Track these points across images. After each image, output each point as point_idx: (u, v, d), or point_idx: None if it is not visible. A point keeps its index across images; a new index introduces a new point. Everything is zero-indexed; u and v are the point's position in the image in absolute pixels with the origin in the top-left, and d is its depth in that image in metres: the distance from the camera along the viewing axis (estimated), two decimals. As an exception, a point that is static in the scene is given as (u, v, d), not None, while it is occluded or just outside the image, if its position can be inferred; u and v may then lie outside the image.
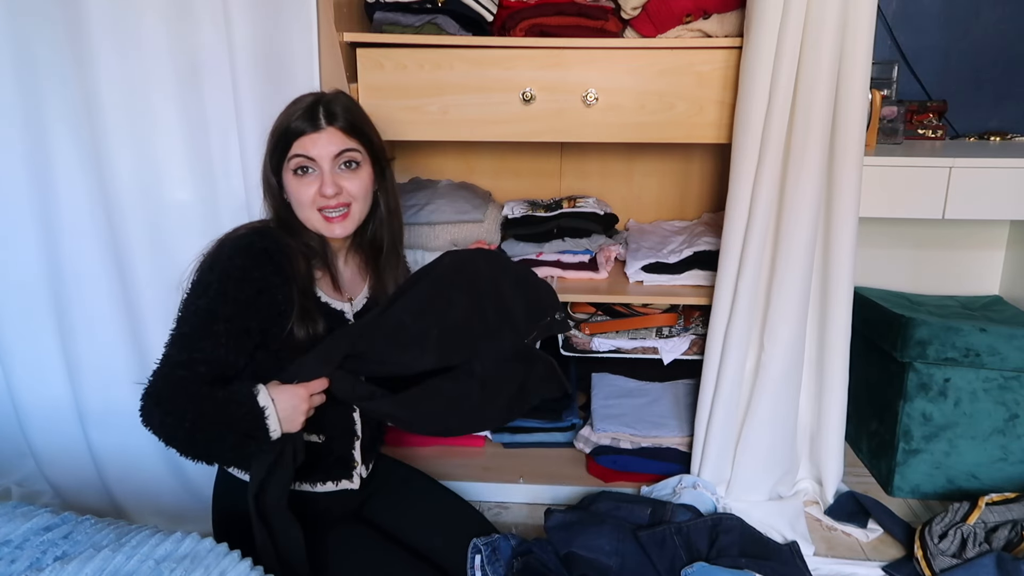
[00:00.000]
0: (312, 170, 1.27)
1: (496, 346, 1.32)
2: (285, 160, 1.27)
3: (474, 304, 1.31)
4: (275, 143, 1.28)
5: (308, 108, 1.27)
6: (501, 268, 1.40)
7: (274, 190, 1.31)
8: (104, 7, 1.56)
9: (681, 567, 1.46)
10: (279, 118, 1.29)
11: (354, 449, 1.37)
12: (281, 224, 1.30)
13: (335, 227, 1.29)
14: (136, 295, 1.75)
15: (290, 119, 1.26)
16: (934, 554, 1.62)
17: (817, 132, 1.58)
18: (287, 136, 1.26)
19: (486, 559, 1.38)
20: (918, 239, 2.25)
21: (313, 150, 1.25)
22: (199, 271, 1.21)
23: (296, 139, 1.25)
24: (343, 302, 1.35)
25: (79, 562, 1.01)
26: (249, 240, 1.23)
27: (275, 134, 1.28)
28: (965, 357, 1.82)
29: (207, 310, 1.17)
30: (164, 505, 1.85)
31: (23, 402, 1.84)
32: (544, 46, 1.67)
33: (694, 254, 1.88)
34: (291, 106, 1.30)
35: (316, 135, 1.25)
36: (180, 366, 1.15)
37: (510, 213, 2.01)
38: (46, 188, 1.69)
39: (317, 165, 1.26)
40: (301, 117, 1.26)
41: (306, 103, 1.28)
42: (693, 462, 1.87)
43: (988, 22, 2.31)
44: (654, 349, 1.92)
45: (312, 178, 1.27)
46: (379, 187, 1.37)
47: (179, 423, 1.12)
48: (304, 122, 1.25)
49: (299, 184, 1.27)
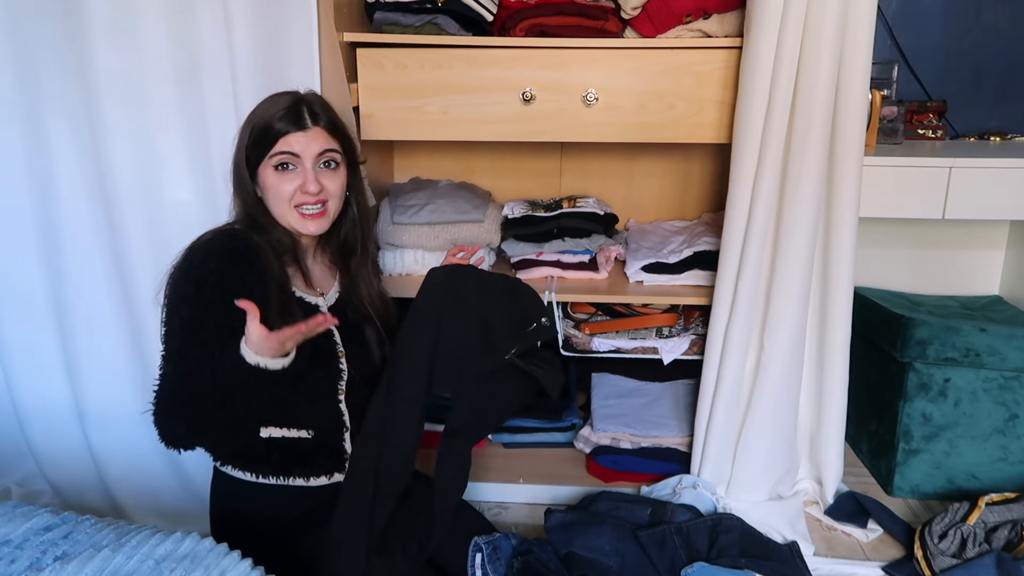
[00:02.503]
0: (293, 167, 1.29)
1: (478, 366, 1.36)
2: (266, 156, 1.28)
3: (457, 329, 1.35)
4: (256, 138, 1.28)
5: (291, 107, 1.28)
6: (478, 285, 1.43)
7: (247, 185, 1.31)
8: (104, 6, 1.56)
9: (681, 567, 1.46)
10: (257, 113, 1.30)
11: (344, 441, 1.37)
12: (250, 222, 1.31)
13: (310, 224, 1.31)
14: (136, 295, 1.74)
15: (272, 117, 1.27)
16: (934, 554, 1.62)
17: (817, 132, 1.58)
18: (271, 133, 1.27)
19: (487, 558, 1.38)
20: (918, 239, 2.25)
21: (298, 147, 1.27)
22: (174, 282, 1.22)
23: (282, 136, 1.27)
24: (316, 296, 1.37)
25: (79, 562, 1.01)
26: (219, 243, 1.24)
27: (256, 130, 1.28)
28: (965, 357, 1.82)
29: (190, 320, 1.18)
30: (164, 505, 1.85)
31: (23, 402, 1.84)
32: (544, 46, 1.68)
33: (694, 254, 1.88)
34: (268, 103, 1.31)
35: (302, 134, 1.28)
36: (178, 379, 1.17)
37: (510, 213, 2.01)
38: (46, 188, 1.69)
39: (300, 162, 1.28)
40: (286, 115, 1.27)
41: (287, 102, 1.29)
42: (693, 462, 1.87)
43: (988, 22, 2.31)
44: (654, 349, 1.92)
45: (293, 175, 1.29)
46: (352, 187, 1.39)
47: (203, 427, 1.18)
48: (289, 120, 1.27)
49: (280, 180, 1.28)
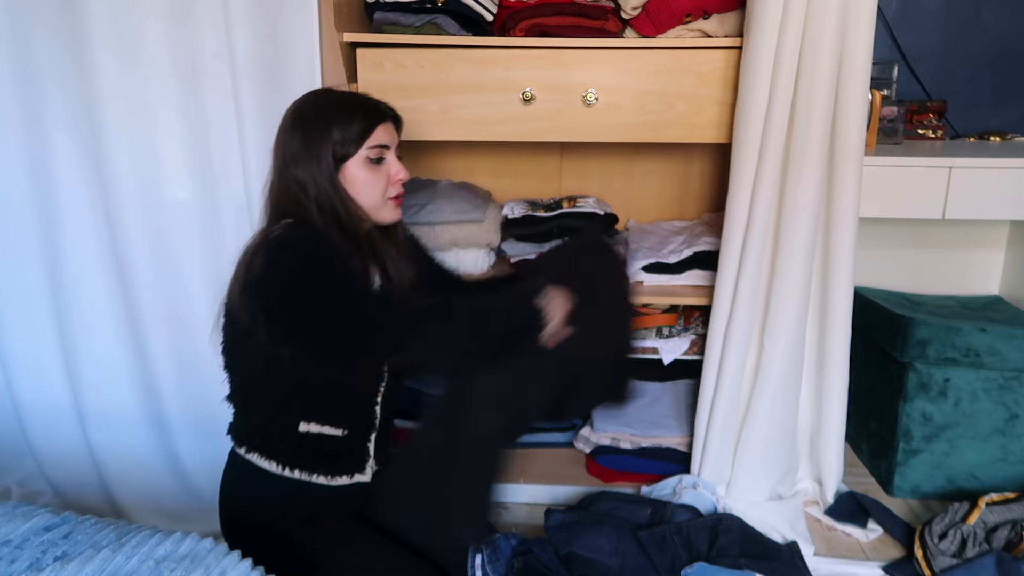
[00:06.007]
0: (384, 159, 1.30)
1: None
2: (360, 149, 1.26)
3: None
4: (356, 133, 1.25)
5: (367, 99, 1.30)
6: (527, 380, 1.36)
7: (334, 182, 1.26)
8: (104, 9, 1.57)
9: (681, 567, 1.46)
10: (339, 110, 1.26)
11: (369, 442, 1.37)
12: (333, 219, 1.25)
13: (399, 211, 1.35)
14: (136, 295, 1.75)
15: (362, 109, 1.27)
16: (934, 554, 1.62)
17: (817, 132, 1.58)
18: (369, 124, 1.26)
19: (486, 558, 1.38)
20: (918, 239, 2.25)
21: (386, 139, 1.29)
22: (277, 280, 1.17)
23: (375, 128, 1.27)
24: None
25: (79, 562, 1.01)
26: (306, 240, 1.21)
27: (350, 122, 1.25)
28: (965, 357, 1.82)
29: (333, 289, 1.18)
30: (164, 505, 1.85)
31: (23, 402, 1.84)
32: (544, 46, 1.67)
33: (694, 254, 1.88)
34: (339, 99, 1.29)
35: (387, 124, 1.30)
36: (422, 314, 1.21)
37: (510, 213, 2.01)
38: (47, 188, 1.69)
39: (389, 153, 1.30)
40: (373, 108, 1.28)
41: (358, 96, 1.31)
42: (693, 462, 1.87)
43: (988, 22, 2.31)
44: (654, 349, 1.92)
45: (385, 166, 1.30)
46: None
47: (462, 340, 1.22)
48: (377, 113, 1.28)
49: (376, 172, 1.29)
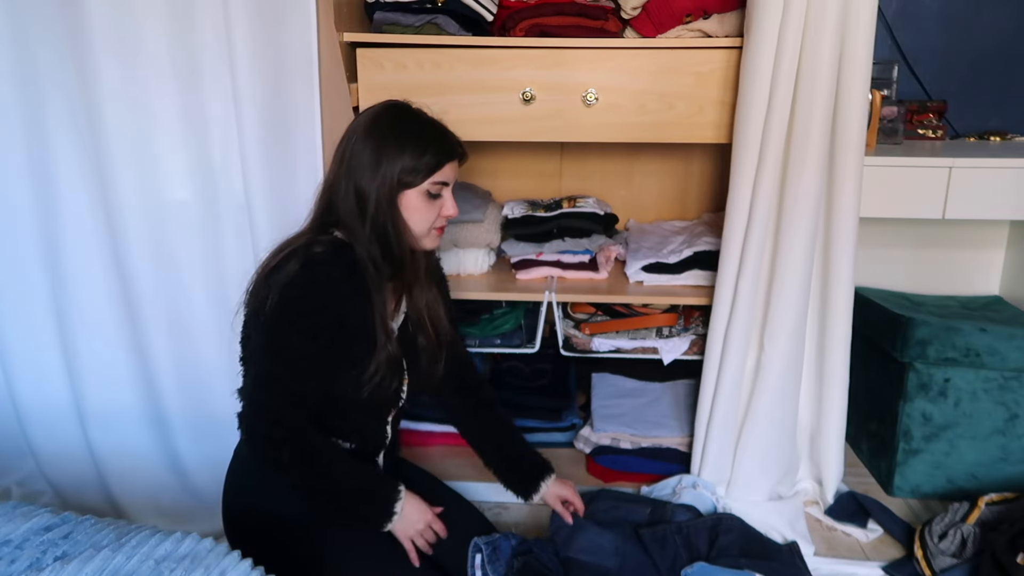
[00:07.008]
0: (442, 195, 1.32)
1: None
2: (425, 182, 1.27)
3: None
4: (425, 166, 1.26)
5: (444, 133, 1.31)
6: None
7: (392, 204, 1.27)
8: (104, 10, 1.57)
9: (681, 567, 1.46)
10: (416, 137, 1.27)
11: (378, 457, 1.41)
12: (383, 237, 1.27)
13: (440, 240, 1.38)
14: (136, 295, 1.75)
15: (437, 144, 1.28)
16: (934, 554, 1.62)
17: (817, 132, 1.58)
18: (440, 161, 1.28)
19: (486, 558, 1.38)
20: (918, 239, 2.25)
21: (450, 177, 1.31)
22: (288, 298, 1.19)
23: (445, 164, 1.29)
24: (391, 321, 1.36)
25: (79, 562, 1.01)
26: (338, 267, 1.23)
27: (423, 154, 1.26)
28: (965, 357, 1.82)
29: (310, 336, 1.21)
30: (164, 505, 1.85)
31: (23, 402, 1.84)
32: (544, 46, 1.67)
33: (694, 254, 1.88)
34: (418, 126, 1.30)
35: (455, 163, 1.32)
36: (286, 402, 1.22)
37: (510, 213, 2.01)
38: (47, 189, 1.69)
39: (447, 190, 1.33)
40: (448, 145, 1.30)
41: (441, 129, 1.32)
42: (693, 462, 1.87)
43: (988, 22, 2.31)
44: (654, 349, 1.92)
45: (440, 201, 1.32)
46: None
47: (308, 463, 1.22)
48: (449, 151, 1.30)
49: (430, 205, 1.30)
